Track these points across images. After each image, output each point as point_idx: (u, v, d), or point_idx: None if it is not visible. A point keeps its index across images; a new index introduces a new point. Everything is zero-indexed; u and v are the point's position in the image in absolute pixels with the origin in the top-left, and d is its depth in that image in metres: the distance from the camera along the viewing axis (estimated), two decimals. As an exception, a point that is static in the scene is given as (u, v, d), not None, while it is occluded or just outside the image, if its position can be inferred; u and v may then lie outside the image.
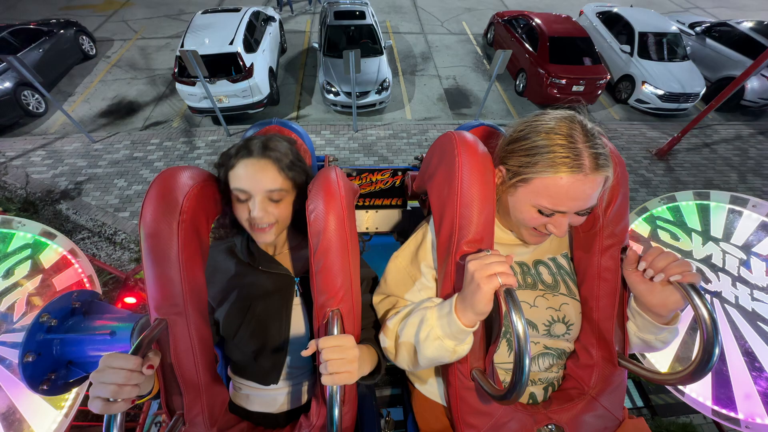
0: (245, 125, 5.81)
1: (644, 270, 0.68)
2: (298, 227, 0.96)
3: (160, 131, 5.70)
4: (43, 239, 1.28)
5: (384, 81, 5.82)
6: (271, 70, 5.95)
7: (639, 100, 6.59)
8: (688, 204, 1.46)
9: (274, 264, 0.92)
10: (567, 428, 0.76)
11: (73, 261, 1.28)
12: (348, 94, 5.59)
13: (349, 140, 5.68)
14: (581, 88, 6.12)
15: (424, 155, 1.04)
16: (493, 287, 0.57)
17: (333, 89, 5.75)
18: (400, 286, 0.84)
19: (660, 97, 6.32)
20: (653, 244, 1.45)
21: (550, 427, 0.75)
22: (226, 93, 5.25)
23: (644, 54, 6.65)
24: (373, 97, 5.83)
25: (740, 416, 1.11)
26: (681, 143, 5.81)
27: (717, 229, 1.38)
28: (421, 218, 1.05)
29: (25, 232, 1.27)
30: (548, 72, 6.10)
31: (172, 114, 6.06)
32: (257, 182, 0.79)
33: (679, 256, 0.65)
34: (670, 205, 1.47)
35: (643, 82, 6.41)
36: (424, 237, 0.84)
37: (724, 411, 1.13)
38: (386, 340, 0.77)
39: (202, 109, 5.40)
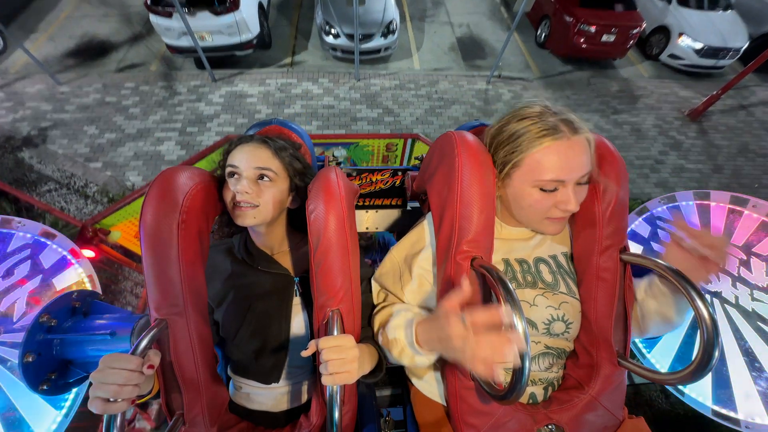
0: (233, 70, 5.22)
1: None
2: (297, 226, 0.99)
3: (136, 74, 5.09)
4: (42, 239, 1.28)
5: (390, 23, 5.17)
6: (261, 6, 5.26)
7: (672, 56, 6.01)
8: (688, 204, 1.45)
9: (273, 264, 0.93)
10: (567, 428, 0.77)
11: (73, 261, 1.28)
12: (350, 36, 4.92)
13: (350, 90, 5.11)
14: (612, 38, 5.50)
15: (424, 155, 1.06)
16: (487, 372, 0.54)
17: (333, 31, 5.10)
18: (389, 281, 0.88)
19: (697, 51, 5.74)
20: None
21: (550, 427, 0.76)
22: (209, 28, 4.59)
23: (683, 1, 5.90)
24: (377, 42, 5.18)
25: (740, 416, 1.13)
26: (715, 105, 5.26)
27: (717, 230, 1.39)
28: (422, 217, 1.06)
29: (24, 232, 1.27)
30: (577, 18, 5.44)
31: (150, 56, 5.43)
32: (248, 159, 0.83)
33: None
34: (671, 205, 1.47)
35: (680, 34, 5.77)
36: (421, 236, 0.86)
37: (724, 411, 1.15)
38: (378, 344, 0.83)
39: (182, 48, 4.78)
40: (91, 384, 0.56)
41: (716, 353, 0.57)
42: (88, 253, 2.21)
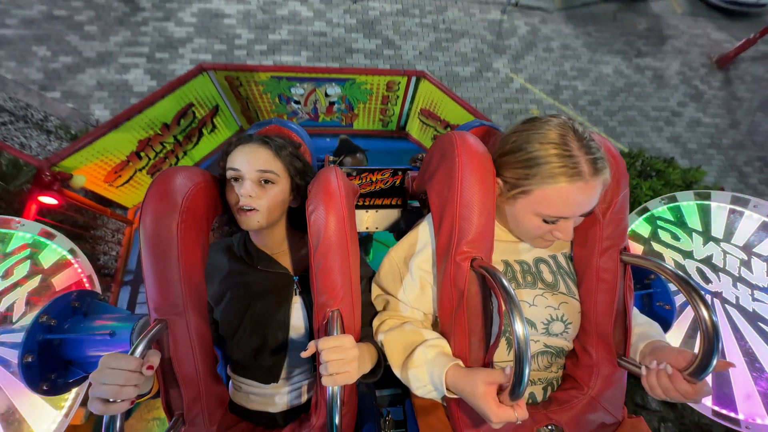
0: (204, -20, 4.35)
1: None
2: (297, 226, 1.00)
3: (87, -19, 4.21)
4: (42, 239, 1.28)
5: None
6: None
7: (713, -12, 5.24)
8: (688, 204, 1.46)
9: (272, 263, 0.94)
10: (566, 428, 0.79)
11: (72, 261, 1.29)
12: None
13: (345, 13, 4.47)
14: (651, -38, 4.69)
15: (424, 155, 1.06)
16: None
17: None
18: (390, 282, 0.89)
19: (742, -17, 5.00)
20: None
21: (549, 427, 0.78)
22: None
23: None
24: (378, -49, 4.32)
25: (740, 416, 1.14)
26: (747, 51, 4.80)
27: (718, 230, 1.39)
28: (421, 218, 1.02)
29: (24, 232, 1.27)
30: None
31: (102, -43, 4.43)
32: (250, 162, 0.83)
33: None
34: (671, 204, 1.48)
35: (727, -39, 4.98)
36: (420, 237, 0.88)
37: (724, 411, 1.16)
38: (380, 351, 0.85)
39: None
40: (91, 384, 0.57)
41: (715, 358, 0.57)
42: (49, 200, 1.97)
